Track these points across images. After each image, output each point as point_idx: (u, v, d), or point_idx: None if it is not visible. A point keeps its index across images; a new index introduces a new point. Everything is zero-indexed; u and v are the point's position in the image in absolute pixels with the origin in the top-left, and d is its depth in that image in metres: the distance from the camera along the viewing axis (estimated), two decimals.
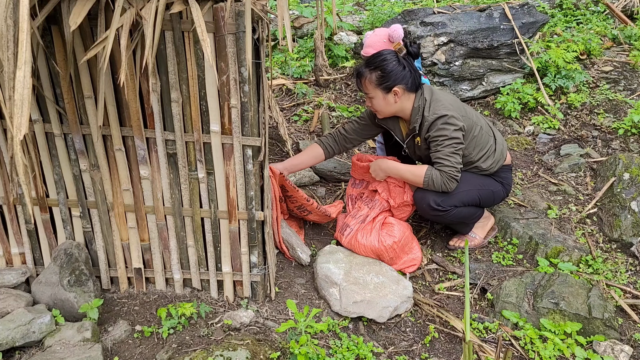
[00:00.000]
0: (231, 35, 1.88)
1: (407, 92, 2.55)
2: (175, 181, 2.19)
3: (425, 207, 2.63)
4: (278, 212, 2.61)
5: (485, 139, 2.67)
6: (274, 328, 2.26)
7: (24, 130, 1.54)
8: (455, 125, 2.48)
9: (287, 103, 4.47)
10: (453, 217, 2.67)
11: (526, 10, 4.49)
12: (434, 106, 2.53)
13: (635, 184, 3.04)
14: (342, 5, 6.28)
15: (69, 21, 1.69)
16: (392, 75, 2.50)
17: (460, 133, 2.50)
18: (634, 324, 2.43)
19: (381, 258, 2.65)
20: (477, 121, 2.65)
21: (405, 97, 2.56)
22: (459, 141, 2.51)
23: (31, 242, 2.32)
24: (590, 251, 2.81)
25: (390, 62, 2.51)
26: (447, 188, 2.54)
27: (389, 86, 2.52)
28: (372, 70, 2.54)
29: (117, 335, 2.17)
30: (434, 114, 2.50)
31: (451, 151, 2.50)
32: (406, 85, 2.52)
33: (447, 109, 2.50)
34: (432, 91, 2.60)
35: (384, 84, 2.52)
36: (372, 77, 2.54)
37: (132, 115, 2.02)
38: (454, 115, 2.49)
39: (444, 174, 2.51)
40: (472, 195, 2.67)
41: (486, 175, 2.73)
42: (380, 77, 2.52)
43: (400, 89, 2.53)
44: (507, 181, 2.82)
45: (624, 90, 4.10)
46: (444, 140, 2.49)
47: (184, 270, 2.37)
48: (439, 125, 2.49)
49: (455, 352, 2.30)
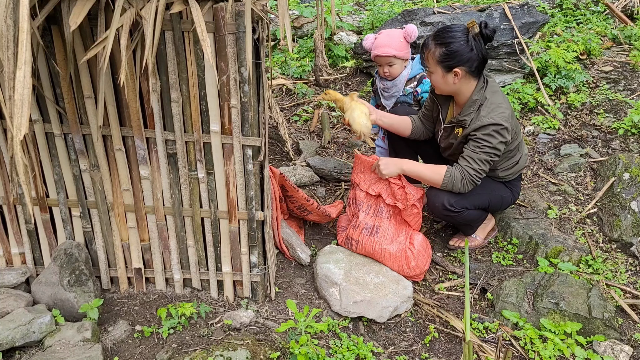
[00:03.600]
0: (231, 35, 1.88)
1: (468, 75, 2.43)
2: (175, 181, 2.19)
3: (438, 206, 2.59)
4: (278, 212, 2.61)
5: (515, 153, 2.64)
6: (274, 328, 2.26)
7: (24, 130, 1.54)
8: (504, 138, 2.42)
9: (287, 103, 4.47)
10: (463, 218, 2.65)
11: (526, 10, 4.50)
12: (493, 109, 2.42)
13: (635, 184, 3.04)
14: (342, 5, 6.28)
15: (69, 21, 1.69)
16: (457, 55, 2.37)
17: (504, 146, 2.45)
18: (634, 324, 2.43)
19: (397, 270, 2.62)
20: (518, 137, 2.60)
21: (465, 81, 2.45)
22: (498, 153, 2.46)
23: (31, 242, 2.32)
24: (590, 251, 2.81)
25: (458, 40, 2.37)
26: (464, 190, 2.51)
27: (450, 65, 2.40)
28: (437, 45, 2.40)
29: (117, 335, 2.17)
30: (491, 118, 2.40)
31: (486, 158, 2.44)
32: (469, 68, 2.40)
33: (505, 120, 2.40)
34: (495, 92, 2.49)
35: (446, 62, 2.40)
36: (436, 52, 2.41)
37: (132, 115, 2.02)
38: (507, 128, 2.41)
39: (467, 176, 2.46)
40: (484, 199, 2.67)
41: (499, 182, 2.73)
42: (443, 54, 2.39)
43: (462, 71, 2.40)
44: (517, 189, 2.81)
45: (624, 90, 4.10)
46: (485, 146, 2.42)
47: (184, 270, 2.38)
48: (491, 131, 2.40)
49: (455, 352, 2.30)
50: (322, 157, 3.62)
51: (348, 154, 3.82)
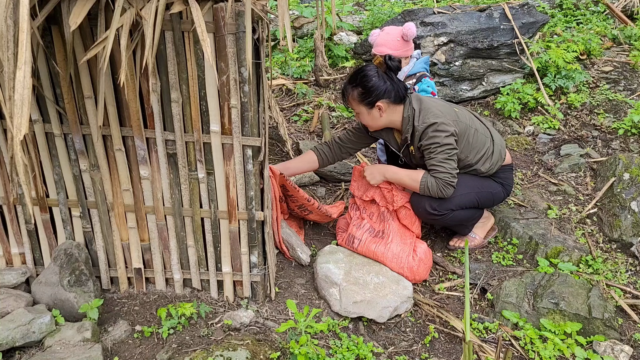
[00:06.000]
0: (231, 35, 1.88)
1: (392, 104, 2.55)
2: (175, 181, 2.19)
3: (422, 211, 2.64)
4: (278, 212, 2.61)
5: (482, 141, 2.65)
6: (274, 328, 2.26)
7: (24, 130, 1.54)
8: (446, 131, 2.47)
9: (287, 103, 4.48)
10: (450, 220, 2.67)
11: (526, 10, 4.50)
12: (423, 115, 2.52)
13: (635, 184, 3.04)
14: (342, 5, 6.28)
15: (69, 21, 1.69)
16: (374, 90, 2.50)
17: (453, 138, 2.49)
18: (634, 324, 2.43)
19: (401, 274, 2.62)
20: (470, 124, 2.63)
21: (391, 110, 2.56)
22: (452, 147, 2.50)
23: (31, 242, 2.32)
24: (590, 251, 2.81)
25: (371, 78, 2.51)
26: (443, 194, 2.53)
27: (371, 101, 2.53)
28: (354, 87, 2.55)
29: (117, 335, 2.17)
30: (423, 122, 2.50)
31: (444, 157, 2.49)
32: (389, 98, 2.52)
33: (436, 116, 2.49)
34: (420, 100, 2.59)
35: (367, 99, 2.52)
36: (355, 93, 2.55)
37: (132, 115, 2.02)
38: (443, 122, 2.48)
39: (440, 181, 2.50)
40: (470, 199, 2.67)
41: (485, 177, 2.73)
42: (362, 94, 2.52)
43: (384, 104, 2.52)
44: (508, 182, 2.81)
45: (624, 90, 4.11)
46: (436, 148, 2.49)
47: (184, 270, 2.37)
48: (430, 133, 2.48)
49: (455, 352, 2.30)
50: None
51: None
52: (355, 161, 3.71)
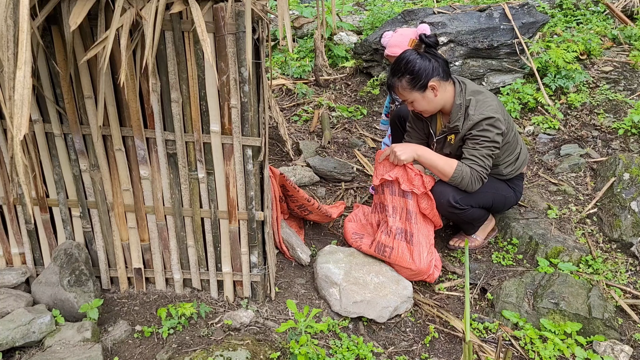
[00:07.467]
0: (231, 35, 1.88)
1: (443, 82, 2.48)
2: (175, 181, 2.19)
3: (444, 203, 2.58)
4: (278, 212, 2.61)
5: (514, 145, 2.65)
6: (274, 328, 2.26)
7: (24, 130, 1.54)
8: (499, 128, 2.45)
9: (287, 103, 4.48)
10: (467, 216, 2.65)
11: (526, 10, 4.49)
12: (481, 106, 2.47)
13: (635, 184, 3.04)
14: (342, 5, 6.28)
15: (69, 21, 1.69)
16: (422, 72, 2.44)
17: (501, 137, 2.48)
18: (634, 324, 2.43)
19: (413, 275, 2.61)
20: (513, 126, 2.63)
21: (443, 88, 2.50)
22: (498, 145, 2.49)
23: (31, 242, 2.32)
24: (590, 251, 2.81)
25: (414, 61, 2.44)
26: (472, 187, 2.52)
27: (423, 84, 2.46)
28: (400, 77, 2.48)
29: (117, 335, 2.17)
30: (480, 114, 2.44)
31: (487, 153, 2.48)
32: (439, 75, 2.46)
33: (494, 111, 2.45)
34: (475, 90, 2.54)
35: (418, 83, 2.46)
36: (403, 83, 2.48)
37: (132, 115, 2.02)
38: (499, 119, 2.45)
39: (475, 172, 2.48)
40: (488, 198, 2.67)
41: (501, 181, 2.73)
42: (411, 80, 2.46)
43: (436, 82, 2.46)
44: (519, 189, 2.82)
45: (624, 90, 4.10)
46: (484, 141, 2.46)
47: (184, 270, 2.38)
48: (484, 125, 2.44)
49: (455, 352, 2.30)
50: (322, 157, 3.62)
51: (348, 154, 3.82)
52: (355, 161, 3.71)
